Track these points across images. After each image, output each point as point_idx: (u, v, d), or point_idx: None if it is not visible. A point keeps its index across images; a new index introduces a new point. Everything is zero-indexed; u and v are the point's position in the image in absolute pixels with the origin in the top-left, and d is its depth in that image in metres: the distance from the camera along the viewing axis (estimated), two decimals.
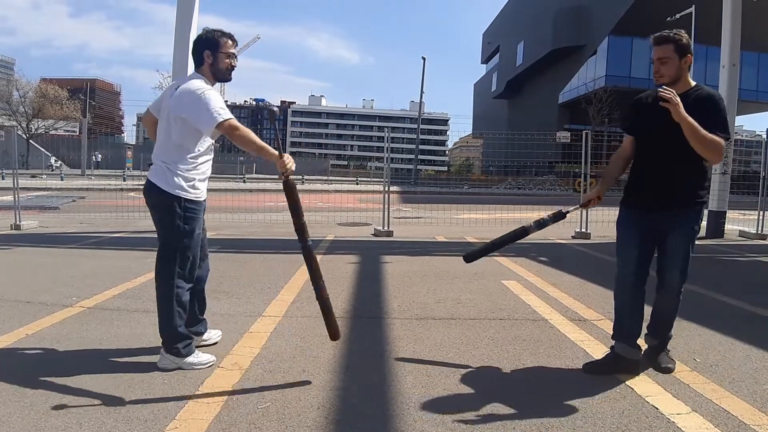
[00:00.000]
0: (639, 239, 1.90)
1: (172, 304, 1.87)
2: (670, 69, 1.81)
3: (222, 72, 1.91)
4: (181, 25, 6.08)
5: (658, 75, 1.83)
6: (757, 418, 1.57)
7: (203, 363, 1.90)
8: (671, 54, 1.80)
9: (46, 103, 32.01)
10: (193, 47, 1.91)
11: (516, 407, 1.64)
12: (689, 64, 1.83)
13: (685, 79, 1.84)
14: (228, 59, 1.90)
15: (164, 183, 1.82)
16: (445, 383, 1.82)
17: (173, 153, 1.83)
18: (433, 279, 3.62)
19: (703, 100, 1.80)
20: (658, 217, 1.88)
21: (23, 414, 1.51)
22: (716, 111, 1.78)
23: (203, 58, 1.88)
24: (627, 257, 1.92)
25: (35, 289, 3.06)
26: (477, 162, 51.36)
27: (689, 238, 1.88)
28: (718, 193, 6.65)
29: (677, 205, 1.86)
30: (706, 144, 1.73)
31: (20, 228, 5.90)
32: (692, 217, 1.87)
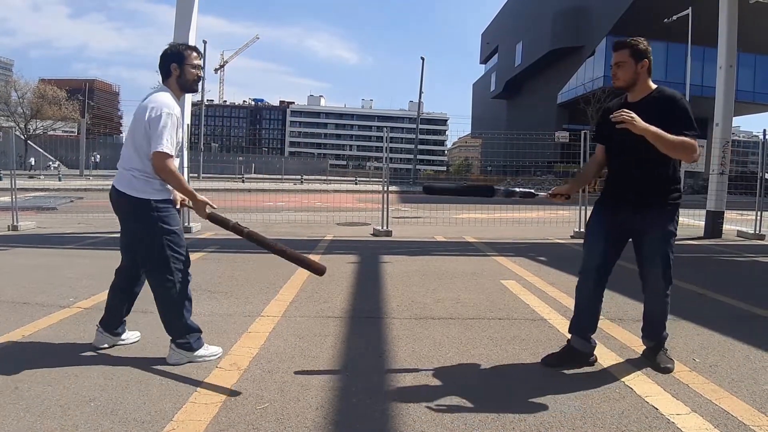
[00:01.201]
0: (606, 238, 1.95)
1: (177, 301, 1.90)
2: (625, 73, 1.86)
3: (189, 83, 1.97)
4: (180, 25, 6.07)
5: (615, 78, 1.92)
6: (756, 418, 1.58)
7: (213, 354, 1.97)
8: (627, 58, 1.86)
9: (44, 104, 31.93)
10: (160, 61, 1.95)
11: (515, 407, 1.63)
12: (646, 68, 1.86)
13: (643, 84, 1.88)
14: (194, 70, 1.96)
15: (131, 189, 1.86)
16: (444, 383, 1.82)
17: (138, 160, 1.87)
18: (432, 279, 3.61)
19: (666, 102, 1.83)
20: (629, 218, 1.92)
21: (19, 416, 1.50)
22: (681, 111, 1.80)
23: (170, 71, 1.94)
24: (592, 254, 1.97)
25: (32, 290, 3.04)
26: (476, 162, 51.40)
27: (665, 240, 1.89)
28: (716, 194, 6.66)
29: (647, 207, 1.88)
30: (674, 147, 1.78)
31: (18, 229, 5.87)
32: (665, 219, 1.89)
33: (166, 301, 1.92)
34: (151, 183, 1.86)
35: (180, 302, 1.91)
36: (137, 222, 1.89)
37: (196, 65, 1.97)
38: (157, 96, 1.88)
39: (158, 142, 1.80)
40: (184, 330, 1.91)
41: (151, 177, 1.86)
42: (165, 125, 1.81)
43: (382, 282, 3.51)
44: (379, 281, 3.54)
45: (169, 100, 1.88)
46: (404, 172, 35.34)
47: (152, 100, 1.86)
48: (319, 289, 3.24)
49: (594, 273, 1.96)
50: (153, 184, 1.87)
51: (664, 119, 1.77)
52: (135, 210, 1.87)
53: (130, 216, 1.90)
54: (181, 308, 1.90)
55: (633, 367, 2.00)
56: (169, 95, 1.91)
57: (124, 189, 1.86)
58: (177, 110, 1.88)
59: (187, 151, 6.19)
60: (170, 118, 1.83)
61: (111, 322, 2.06)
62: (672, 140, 1.75)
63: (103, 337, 2.07)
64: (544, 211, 9.68)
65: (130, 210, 1.88)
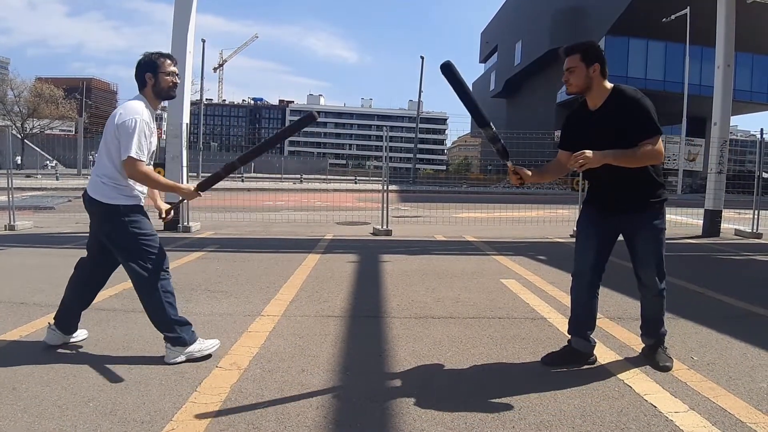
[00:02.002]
0: (596, 238, 1.96)
1: (159, 299, 1.93)
2: (577, 78, 1.84)
3: (164, 90, 1.99)
4: (178, 24, 6.06)
5: (568, 84, 1.87)
6: (753, 415, 1.58)
7: (210, 347, 1.98)
8: (578, 63, 1.83)
9: (41, 103, 31.77)
10: (135, 71, 1.98)
11: (515, 406, 1.64)
12: (599, 72, 1.82)
13: (598, 87, 1.84)
14: (168, 77, 1.98)
15: (101, 195, 1.89)
16: (444, 382, 1.82)
17: (109, 167, 1.89)
18: (432, 278, 3.61)
19: (626, 104, 1.79)
20: (615, 219, 1.92)
21: (17, 417, 1.49)
22: (640, 112, 1.76)
23: (145, 80, 1.96)
24: (583, 255, 1.98)
25: (30, 290, 3.03)
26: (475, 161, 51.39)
27: (655, 238, 1.90)
28: (714, 192, 6.69)
29: (632, 209, 1.89)
30: (639, 160, 1.77)
31: (14, 228, 5.85)
32: (652, 217, 1.89)
33: (147, 299, 1.94)
34: (119, 189, 1.90)
35: (159, 298, 1.92)
36: (109, 226, 1.93)
37: (170, 72, 1.98)
38: (128, 104, 1.91)
39: (128, 148, 1.82)
40: (171, 323, 1.92)
41: (121, 184, 1.90)
42: (134, 131, 1.83)
43: (382, 281, 3.51)
44: (379, 280, 3.54)
45: (140, 107, 1.90)
46: (404, 171, 35.32)
47: (122, 108, 1.89)
48: (319, 288, 3.24)
49: (588, 273, 1.97)
50: (122, 190, 1.90)
51: (628, 122, 1.76)
52: (105, 215, 1.91)
53: (102, 220, 1.94)
54: (162, 303, 1.92)
55: (632, 365, 2.00)
56: (142, 103, 1.93)
57: (94, 195, 1.90)
58: (146, 116, 1.90)
59: (186, 151, 6.19)
60: (138, 123, 1.84)
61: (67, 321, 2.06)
62: (634, 154, 1.74)
63: (56, 335, 2.06)
64: (543, 210, 9.69)
65: (101, 215, 1.92)
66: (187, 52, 6.08)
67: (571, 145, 1.94)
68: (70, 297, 2.08)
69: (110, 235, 1.93)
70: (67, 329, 2.08)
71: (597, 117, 1.86)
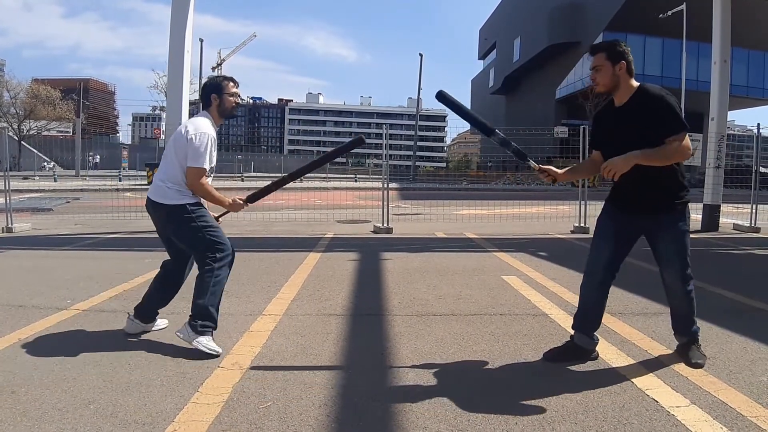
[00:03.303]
0: (614, 236, 1.92)
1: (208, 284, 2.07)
2: (604, 77, 1.84)
3: (228, 110, 2.20)
4: (176, 24, 6.02)
5: (595, 83, 1.88)
6: (754, 409, 1.59)
7: (213, 349, 2.02)
8: (603, 62, 1.84)
9: (37, 104, 31.62)
10: (201, 92, 2.22)
11: (518, 402, 1.64)
12: (625, 70, 1.83)
13: (625, 85, 1.84)
14: (232, 98, 2.19)
15: (166, 198, 2.09)
16: (446, 379, 1.82)
17: (175, 174, 2.10)
18: (434, 275, 3.61)
19: (649, 103, 1.78)
20: (638, 220, 1.90)
21: (16, 421, 1.48)
22: (666, 110, 1.75)
23: (210, 101, 2.17)
24: (598, 253, 1.96)
25: (28, 292, 3.02)
26: (475, 158, 51.35)
27: (679, 240, 1.88)
28: (712, 187, 6.70)
29: (656, 210, 1.87)
30: (668, 158, 1.77)
31: (12, 231, 5.82)
32: (677, 219, 1.87)
33: (203, 288, 2.08)
34: (182, 192, 2.10)
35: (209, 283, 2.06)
36: (176, 225, 2.11)
37: (233, 93, 2.19)
38: (198, 121, 2.12)
39: (195, 159, 2.05)
40: (204, 310, 2.05)
41: (184, 187, 2.10)
42: (203, 145, 2.05)
43: (383, 279, 3.51)
44: (380, 278, 3.54)
45: (207, 125, 2.11)
46: (404, 169, 35.30)
47: (193, 124, 2.11)
48: (320, 287, 3.24)
49: (600, 273, 1.94)
50: (185, 192, 2.11)
51: (653, 121, 1.75)
52: (171, 215, 2.10)
53: (169, 221, 2.12)
54: (208, 289, 2.06)
55: (633, 360, 2.01)
56: (208, 121, 2.14)
57: (159, 200, 2.10)
58: (213, 133, 2.12)
59: None
60: (208, 139, 2.07)
61: (146, 313, 2.25)
62: (664, 153, 1.74)
63: (135, 324, 2.25)
64: (544, 206, 9.70)
65: (167, 216, 2.11)
66: (185, 52, 6.05)
67: (600, 143, 1.95)
68: (153, 293, 2.26)
69: (177, 233, 2.12)
70: (147, 319, 2.26)
71: (622, 115, 1.84)
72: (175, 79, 6.18)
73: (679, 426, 1.49)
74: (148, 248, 4.75)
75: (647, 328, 2.40)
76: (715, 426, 1.49)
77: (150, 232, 6.00)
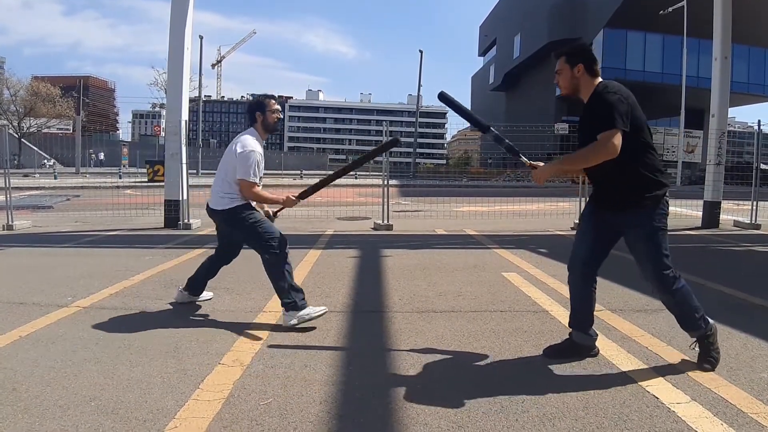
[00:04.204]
0: (591, 234, 1.94)
1: (282, 270, 2.37)
2: (564, 80, 1.88)
3: (271, 126, 2.51)
4: (176, 21, 5.99)
5: (558, 86, 1.92)
6: (754, 406, 1.59)
7: (319, 312, 2.36)
8: (563, 65, 1.87)
9: (37, 101, 31.54)
10: (247, 109, 2.58)
11: (518, 399, 1.64)
12: (583, 71, 1.83)
13: (587, 87, 1.84)
14: (274, 114, 2.49)
15: (220, 205, 2.45)
16: (447, 376, 1.82)
17: (225, 186, 2.44)
18: (434, 272, 3.61)
19: (590, 103, 1.81)
20: (610, 217, 1.89)
21: (17, 418, 1.48)
22: (600, 107, 1.73)
23: (255, 118, 2.48)
24: (579, 247, 1.98)
25: (29, 289, 3.02)
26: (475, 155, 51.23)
27: (649, 238, 1.80)
28: (713, 184, 6.70)
29: (622, 208, 1.83)
30: (586, 158, 1.74)
31: (12, 228, 5.82)
32: (645, 216, 1.80)
33: (271, 272, 2.39)
34: (233, 198, 2.44)
35: (280, 271, 2.37)
36: (234, 225, 2.46)
37: (275, 110, 2.50)
38: (245, 138, 2.43)
39: (246, 173, 2.37)
40: (288, 290, 2.35)
41: (234, 195, 2.43)
42: (251, 161, 2.37)
43: (383, 276, 3.51)
44: (381, 275, 3.54)
45: (254, 142, 2.43)
46: (404, 165, 35.23)
47: (241, 142, 2.42)
48: (320, 283, 3.24)
49: (580, 266, 1.96)
50: (235, 198, 2.44)
51: (592, 117, 1.75)
52: (227, 218, 2.45)
53: (227, 223, 2.48)
54: (283, 273, 2.37)
55: (633, 356, 2.01)
56: (254, 138, 2.45)
57: (216, 207, 2.47)
58: (259, 148, 2.44)
59: (186, 148, 6.15)
60: (254, 155, 2.39)
61: (196, 287, 2.69)
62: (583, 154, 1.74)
63: (183, 295, 2.70)
64: (544, 203, 9.68)
65: (226, 219, 2.46)
66: (184, 49, 6.02)
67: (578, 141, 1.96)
68: (205, 265, 2.68)
69: (236, 230, 2.47)
70: (195, 291, 2.70)
71: (583, 113, 1.87)
72: (175, 76, 6.16)
73: (680, 422, 1.49)
74: (148, 245, 4.75)
75: (647, 325, 2.40)
76: (716, 422, 1.49)
77: (149, 230, 6.03)
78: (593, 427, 1.46)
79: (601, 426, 1.47)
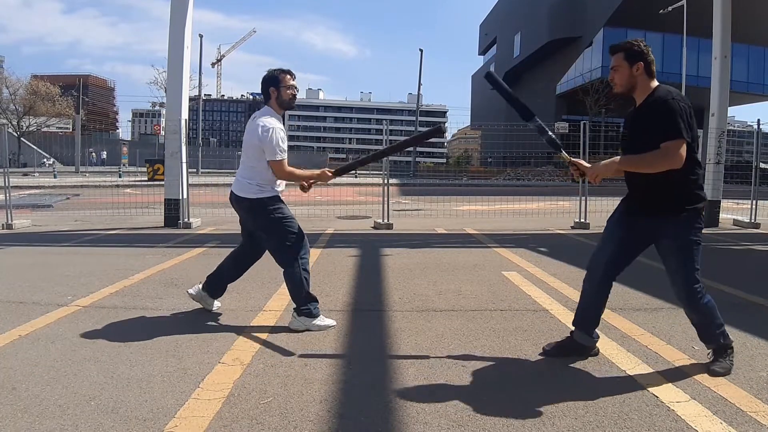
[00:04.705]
0: (620, 237, 1.88)
1: (299, 274, 2.28)
2: (621, 77, 1.81)
3: (286, 102, 2.30)
4: (175, 20, 5.98)
5: (612, 83, 1.85)
6: (754, 404, 1.59)
7: (327, 325, 2.30)
8: (621, 62, 1.81)
9: (37, 100, 31.50)
10: (261, 86, 2.32)
11: (518, 397, 1.64)
12: (643, 71, 1.78)
13: (643, 86, 1.80)
14: (289, 90, 2.29)
15: (248, 193, 2.27)
16: (447, 375, 1.83)
17: (250, 171, 2.28)
18: (434, 271, 3.61)
19: (652, 107, 1.75)
20: (644, 224, 1.83)
21: (17, 417, 1.48)
22: (665, 115, 1.69)
23: (269, 94, 2.28)
24: (603, 249, 1.92)
25: (28, 289, 3.02)
26: (476, 154, 51.21)
27: (682, 250, 1.77)
28: (712, 183, 6.70)
29: (659, 214, 1.79)
30: (650, 164, 1.70)
31: (12, 227, 5.83)
32: (681, 226, 1.76)
33: (288, 275, 2.30)
34: (261, 187, 2.27)
35: (299, 273, 2.28)
36: (257, 217, 2.31)
37: (290, 86, 2.29)
38: (262, 118, 2.25)
39: (273, 153, 2.20)
40: (305, 299, 2.27)
41: (263, 183, 2.27)
42: (274, 139, 2.19)
43: (383, 275, 3.51)
44: (381, 274, 3.54)
45: (272, 119, 2.25)
46: (404, 164, 35.20)
47: (260, 122, 2.23)
48: (321, 282, 3.24)
49: (601, 268, 1.91)
50: (264, 187, 2.27)
51: (653, 124, 1.71)
52: (254, 208, 2.29)
53: (251, 213, 2.32)
54: (300, 278, 2.28)
55: (633, 356, 2.01)
56: (272, 117, 2.26)
57: (242, 194, 2.29)
58: (279, 125, 2.26)
59: (186, 147, 6.15)
60: (276, 132, 2.21)
61: (215, 287, 2.51)
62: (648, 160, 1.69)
63: (199, 293, 2.50)
64: (544, 202, 9.68)
65: (251, 209, 2.30)
66: (184, 48, 6.01)
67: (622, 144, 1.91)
68: (226, 263, 2.52)
69: (257, 223, 2.32)
70: (213, 292, 2.51)
71: (636, 116, 1.81)
72: (175, 75, 6.15)
73: (679, 421, 1.49)
74: (148, 244, 4.74)
75: (647, 324, 2.40)
76: (715, 421, 1.49)
77: (149, 229, 6.02)
78: (593, 426, 1.46)
79: (601, 425, 1.47)
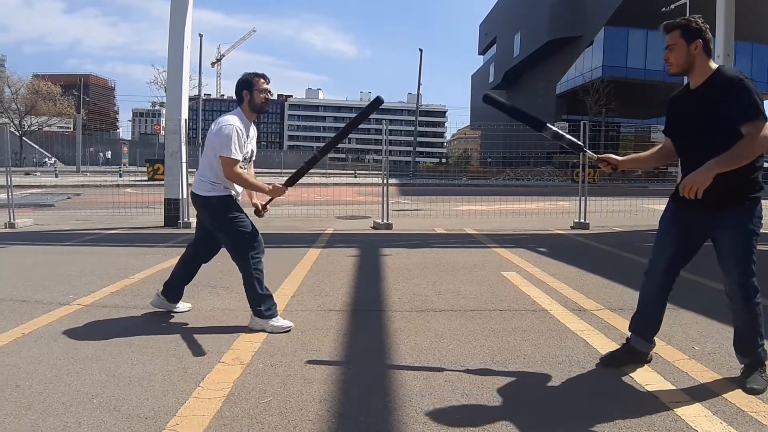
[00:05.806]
0: (676, 237, 1.78)
1: (250, 273, 2.24)
2: (678, 57, 1.68)
3: (258, 105, 2.29)
4: (175, 19, 5.99)
5: (668, 64, 1.71)
6: (754, 405, 1.59)
7: (283, 327, 2.25)
8: (677, 40, 1.67)
9: (38, 100, 31.57)
10: (235, 89, 2.31)
11: (517, 398, 1.65)
12: (701, 49, 1.65)
13: (701, 67, 1.67)
14: (262, 94, 2.28)
15: (200, 190, 2.27)
16: (446, 375, 1.83)
17: (204, 168, 2.28)
18: (433, 271, 3.62)
19: (725, 86, 1.61)
20: (702, 217, 1.71)
21: (20, 414, 1.49)
22: (742, 94, 1.57)
23: (242, 97, 2.28)
24: (660, 253, 1.81)
25: (31, 287, 3.03)
26: (475, 154, 51.20)
27: (741, 239, 1.66)
28: None
29: (721, 205, 1.67)
30: (746, 155, 1.57)
31: (15, 226, 5.85)
32: (743, 217, 1.66)
33: (243, 272, 2.27)
34: (214, 185, 2.26)
35: (251, 273, 2.24)
36: (209, 215, 2.31)
37: (264, 89, 2.28)
38: (225, 116, 2.26)
39: (225, 148, 2.16)
40: (257, 297, 2.24)
41: (216, 182, 2.26)
42: (229, 136, 2.16)
43: (383, 275, 3.51)
44: (380, 274, 3.54)
45: (233, 118, 2.22)
46: (404, 164, 35.22)
47: (220, 119, 2.25)
48: (320, 282, 3.25)
49: (661, 275, 1.81)
50: (216, 186, 2.26)
51: (726, 106, 1.58)
52: (206, 206, 2.29)
53: (205, 210, 2.32)
54: (252, 278, 2.24)
55: None
56: (236, 116, 2.24)
57: (195, 190, 2.31)
58: (239, 123, 2.21)
59: (186, 147, 6.16)
60: (232, 129, 2.17)
61: (172, 290, 2.47)
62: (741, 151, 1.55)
63: (160, 300, 2.48)
64: (544, 202, 9.67)
65: (204, 206, 2.30)
66: (184, 47, 6.02)
67: (671, 130, 1.79)
68: (176, 270, 2.48)
69: (211, 221, 2.32)
70: (172, 298, 2.48)
71: (696, 99, 1.67)
72: (175, 75, 6.16)
73: (679, 421, 1.49)
74: (149, 244, 4.76)
75: None
76: (715, 421, 1.49)
77: (149, 228, 6.03)
78: (592, 425, 1.47)
79: (600, 424, 1.47)
